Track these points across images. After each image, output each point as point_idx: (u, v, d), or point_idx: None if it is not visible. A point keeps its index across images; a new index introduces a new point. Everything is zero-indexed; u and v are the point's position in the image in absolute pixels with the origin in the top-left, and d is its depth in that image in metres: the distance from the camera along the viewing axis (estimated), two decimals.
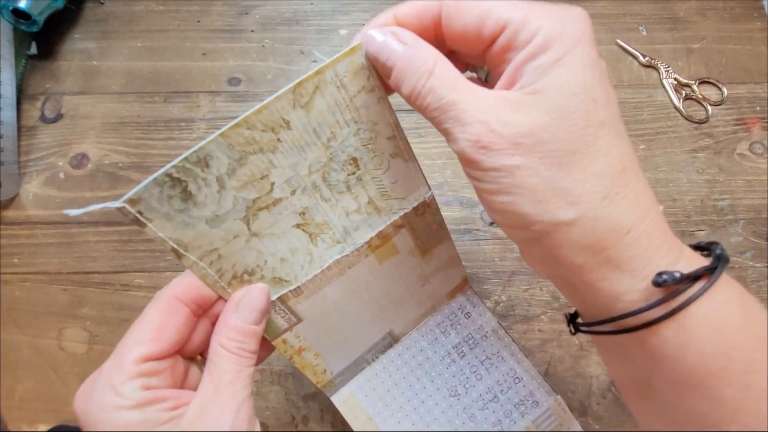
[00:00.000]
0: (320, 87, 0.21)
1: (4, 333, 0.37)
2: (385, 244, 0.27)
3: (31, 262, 0.39)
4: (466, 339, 0.33)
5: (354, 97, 0.22)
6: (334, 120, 0.23)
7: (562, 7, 0.19)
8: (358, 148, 0.24)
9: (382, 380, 0.32)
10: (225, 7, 0.49)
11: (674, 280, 0.18)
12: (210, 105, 0.44)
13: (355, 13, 0.49)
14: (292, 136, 0.22)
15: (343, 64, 0.21)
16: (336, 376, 0.31)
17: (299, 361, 0.29)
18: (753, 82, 0.45)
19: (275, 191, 0.23)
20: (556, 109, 0.18)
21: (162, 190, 0.21)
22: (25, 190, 0.42)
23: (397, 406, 0.32)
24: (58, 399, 0.36)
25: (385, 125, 0.24)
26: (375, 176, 0.25)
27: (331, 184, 0.24)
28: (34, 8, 0.42)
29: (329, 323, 0.29)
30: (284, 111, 0.21)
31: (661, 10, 0.49)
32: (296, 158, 0.23)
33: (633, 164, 0.20)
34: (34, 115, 0.44)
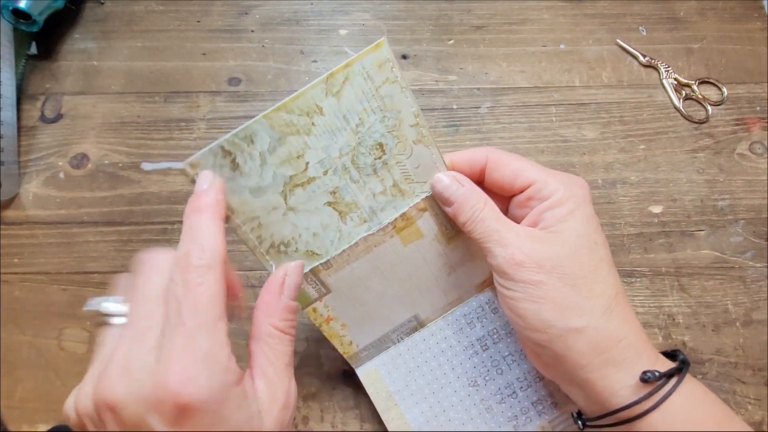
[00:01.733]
0: (349, 78, 0.25)
1: (4, 333, 0.37)
2: (410, 227, 0.30)
3: (31, 262, 0.39)
4: (491, 333, 0.33)
5: (379, 87, 0.25)
6: (362, 108, 0.26)
7: (569, 176, 0.27)
8: (383, 134, 0.27)
9: (405, 361, 0.34)
10: (225, 7, 0.49)
11: (656, 377, 0.23)
12: (210, 105, 0.44)
13: (355, 13, 0.49)
14: (325, 121, 0.25)
15: (369, 57, 0.25)
16: (362, 349, 0.33)
17: (327, 329, 0.32)
18: (753, 82, 0.45)
19: (309, 170, 0.26)
20: (570, 246, 0.25)
21: (215, 159, 0.25)
22: (25, 190, 0.42)
23: (417, 388, 0.33)
24: (58, 399, 0.36)
25: (408, 113, 0.27)
26: (399, 161, 0.28)
27: (359, 166, 0.27)
28: (34, 8, 0.42)
29: (356, 297, 0.31)
30: (318, 98, 0.25)
31: (661, 10, 0.49)
32: (328, 141, 0.26)
33: (622, 291, 0.26)
34: (34, 115, 0.44)
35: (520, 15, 0.49)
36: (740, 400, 0.35)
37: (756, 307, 0.38)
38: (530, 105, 0.45)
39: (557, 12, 0.49)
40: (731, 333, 0.37)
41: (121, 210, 0.41)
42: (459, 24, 0.48)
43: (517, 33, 0.48)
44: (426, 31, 0.48)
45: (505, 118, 0.44)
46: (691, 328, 0.37)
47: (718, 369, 0.36)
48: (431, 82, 0.46)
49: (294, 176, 0.26)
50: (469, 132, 0.44)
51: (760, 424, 0.35)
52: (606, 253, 0.26)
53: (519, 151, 0.43)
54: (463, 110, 0.44)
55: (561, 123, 0.44)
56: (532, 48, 0.47)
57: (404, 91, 0.26)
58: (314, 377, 0.36)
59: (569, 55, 0.47)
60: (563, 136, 0.43)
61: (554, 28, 0.48)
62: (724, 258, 0.39)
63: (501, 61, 0.46)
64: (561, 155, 0.43)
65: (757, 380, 0.36)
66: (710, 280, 0.39)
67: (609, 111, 0.44)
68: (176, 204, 0.41)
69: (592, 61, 0.46)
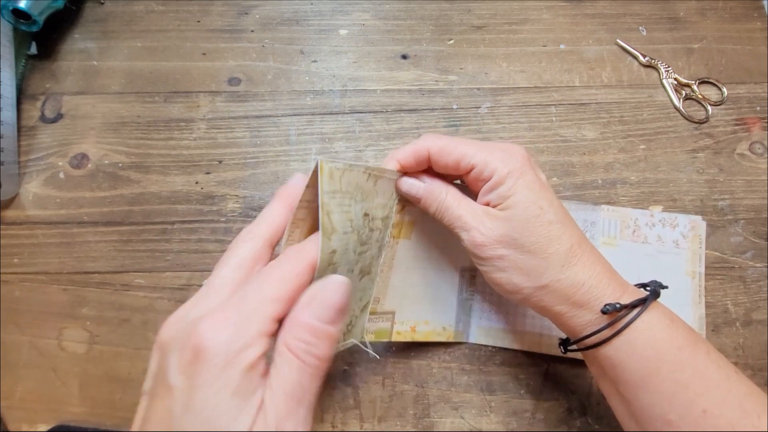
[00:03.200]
0: (331, 203, 0.25)
1: (4, 333, 0.37)
2: (402, 227, 0.33)
3: (31, 262, 0.39)
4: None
5: (341, 189, 0.26)
6: (348, 207, 0.26)
7: (505, 147, 0.30)
8: (364, 211, 0.28)
9: (488, 301, 0.37)
10: (225, 7, 0.49)
11: (615, 309, 0.27)
12: (210, 105, 0.44)
13: (355, 13, 0.49)
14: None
15: (325, 184, 0.24)
16: (455, 325, 0.36)
17: (420, 336, 0.35)
18: (753, 82, 0.45)
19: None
20: (518, 218, 0.28)
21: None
22: (25, 190, 0.42)
23: (513, 309, 0.37)
24: (58, 399, 0.36)
25: (363, 181, 0.28)
26: (375, 214, 0.30)
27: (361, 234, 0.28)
28: (34, 8, 0.42)
29: (413, 298, 0.34)
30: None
31: (661, 10, 0.49)
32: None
33: (578, 241, 0.29)
34: (34, 115, 0.44)
35: (520, 15, 0.49)
36: None
37: (756, 307, 0.38)
38: (530, 105, 0.45)
39: (557, 12, 0.49)
40: (731, 333, 0.37)
41: (121, 210, 0.41)
42: (459, 24, 0.48)
43: (517, 33, 0.48)
44: (426, 31, 0.48)
45: (505, 118, 0.44)
46: None
47: None
48: (431, 82, 0.46)
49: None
50: (469, 132, 0.44)
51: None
52: (554, 213, 0.28)
53: None
54: (463, 110, 0.44)
55: (561, 123, 0.44)
56: (532, 48, 0.47)
57: (352, 168, 0.26)
58: None
59: (569, 55, 0.47)
60: (563, 136, 0.43)
61: (554, 28, 0.48)
62: (724, 258, 0.39)
63: (501, 61, 0.46)
64: (561, 155, 0.43)
65: (757, 380, 0.36)
66: (710, 280, 0.39)
67: (609, 111, 0.44)
68: (176, 204, 0.41)
69: (592, 61, 0.46)
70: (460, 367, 0.37)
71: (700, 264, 0.38)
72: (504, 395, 0.36)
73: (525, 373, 0.37)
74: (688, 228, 0.39)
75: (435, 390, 0.36)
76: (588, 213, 0.39)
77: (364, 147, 0.43)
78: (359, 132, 0.44)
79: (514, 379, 0.36)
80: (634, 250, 0.38)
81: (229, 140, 0.43)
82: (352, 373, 0.36)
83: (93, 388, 0.36)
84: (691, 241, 0.39)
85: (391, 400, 0.36)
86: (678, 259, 0.38)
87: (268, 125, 0.44)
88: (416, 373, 0.37)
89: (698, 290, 0.38)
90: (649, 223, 0.39)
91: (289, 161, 0.42)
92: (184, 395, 0.19)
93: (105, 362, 0.37)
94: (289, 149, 0.43)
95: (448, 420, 0.35)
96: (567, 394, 0.36)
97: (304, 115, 0.44)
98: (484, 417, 0.35)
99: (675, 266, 0.38)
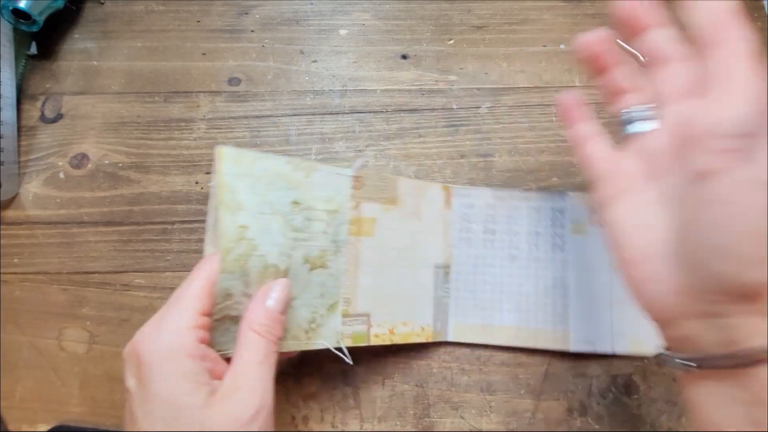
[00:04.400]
0: (239, 185, 0.28)
1: (4, 333, 0.37)
2: (361, 224, 0.33)
3: (31, 262, 0.39)
4: (487, 227, 0.38)
5: (260, 176, 0.29)
6: (269, 196, 0.29)
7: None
8: (289, 200, 0.30)
9: (464, 298, 0.37)
10: (225, 7, 0.49)
11: None
12: (210, 105, 0.45)
13: (355, 13, 0.49)
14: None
15: (228, 166, 0.28)
16: (434, 324, 0.36)
17: (399, 338, 0.34)
18: None
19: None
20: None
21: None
22: (25, 190, 0.42)
23: (489, 304, 0.37)
24: (58, 399, 0.36)
25: (283, 165, 0.30)
26: (312, 205, 0.31)
27: (298, 228, 0.30)
28: (34, 8, 0.42)
29: (387, 298, 0.34)
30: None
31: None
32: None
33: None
34: (34, 115, 0.44)
35: (520, 15, 0.49)
36: None
37: None
38: (530, 105, 0.45)
39: (557, 12, 0.49)
40: None
41: (121, 210, 0.41)
42: (459, 24, 0.48)
43: (517, 33, 0.48)
44: (426, 31, 0.48)
45: (505, 118, 0.44)
46: None
47: None
48: (431, 82, 0.46)
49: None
50: (469, 132, 0.44)
51: None
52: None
53: (519, 151, 0.43)
54: (463, 110, 0.44)
55: (561, 123, 0.44)
56: (532, 48, 0.47)
57: (269, 157, 0.29)
58: (314, 377, 0.36)
59: (569, 55, 0.47)
60: (563, 136, 0.43)
61: (554, 28, 0.48)
62: None
63: (501, 61, 0.46)
64: (561, 155, 0.43)
65: None
66: None
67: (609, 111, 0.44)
68: (176, 204, 0.41)
69: None
70: (460, 367, 0.37)
71: None
72: (504, 395, 0.36)
73: (525, 373, 0.37)
74: None
75: (435, 390, 0.36)
76: (555, 202, 0.39)
77: (364, 147, 0.43)
78: (359, 132, 0.44)
79: (514, 379, 0.36)
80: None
81: (229, 140, 0.43)
82: (352, 373, 0.36)
83: (93, 388, 0.36)
84: None
85: (391, 400, 0.36)
86: None
87: (268, 125, 0.44)
88: (416, 373, 0.37)
89: None
90: None
91: None
92: (139, 392, 0.24)
93: (105, 362, 0.37)
94: (289, 149, 0.43)
95: (448, 420, 0.35)
96: (567, 394, 0.36)
97: (304, 115, 0.44)
98: (484, 417, 0.35)
99: None
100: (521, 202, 0.39)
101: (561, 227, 0.38)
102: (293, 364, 0.36)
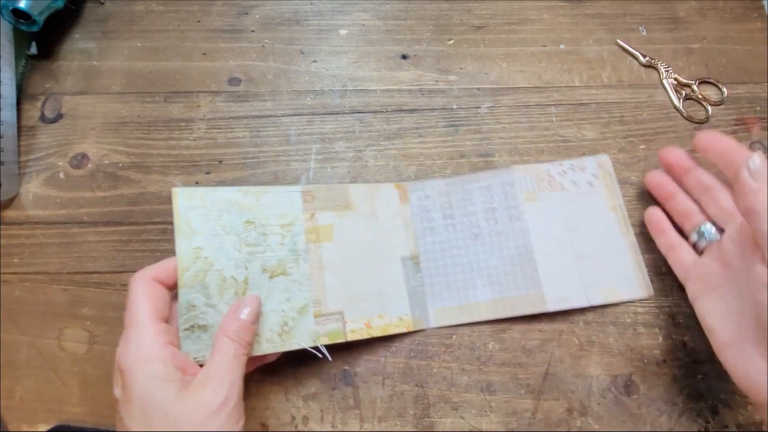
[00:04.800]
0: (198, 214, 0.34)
1: (4, 333, 0.37)
2: (318, 232, 0.36)
3: (31, 262, 0.39)
4: (445, 213, 0.40)
5: (210, 208, 0.34)
6: (221, 220, 0.34)
7: None
8: (243, 221, 0.35)
9: (438, 283, 0.38)
10: (225, 7, 0.49)
11: None
12: (210, 105, 0.45)
13: (355, 13, 0.49)
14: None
15: (183, 203, 0.33)
16: (412, 314, 0.37)
17: (377, 331, 0.36)
18: (753, 82, 0.45)
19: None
20: None
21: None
22: (25, 190, 0.42)
23: (462, 284, 0.38)
24: (58, 399, 0.36)
25: (237, 198, 0.35)
26: (267, 222, 0.35)
27: (254, 244, 0.34)
28: (34, 8, 0.42)
29: (358, 296, 0.36)
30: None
31: (661, 10, 0.49)
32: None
33: None
34: (34, 115, 0.44)
35: (520, 15, 0.49)
36: (740, 401, 0.35)
37: None
38: (530, 105, 0.45)
39: (557, 12, 0.49)
40: None
41: (121, 210, 0.41)
42: (459, 24, 0.48)
43: (517, 33, 0.48)
44: (426, 31, 0.48)
45: (505, 118, 0.44)
46: (691, 328, 0.37)
47: (718, 369, 0.36)
48: (431, 82, 0.46)
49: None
50: (469, 132, 0.44)
51: (759, 424, 0.35)
52: None
53: (519, 151, 0.43)
54: (463, 110, 0.44)
55: (561, 123, 0.44)
56: (532, 48, 0.47)
57: (216, 190, 0.34)
58: (314, 377, 0.36)
59: (569, 55, 0.47)
60: (563, 136, 0.43)
61: (554, 28, 0.48)
62: None
63: (501, 61, 0.46)
64: (561, 155, 0.43)
65: None
66: None
67: (609, 111, 0.44)
68: None
69: (592, 61, 0.46)
70: (460, 367, 0.37)
71: (618, 197, 0.40)
72: (504, 395, 0.36)
73: (525, 373, 0.37)
74: (596, 168, 0.41)
75: (435, 390, 0.36)
76: (504, 176, 0.41)
77: (364, 147, 0.43)
78: (359, 132, 0.44)
79: (514, 379, 0.36)
80: (554, 199, 0.40)
81: (229, 140, 0.43)
82: (352, 373, 0.36)
83: (93, 388, 0.36)
84: (603, 179, 0.41)
85: (391, 400, 0.36)
86: (596, 198, 0.40)
87: (268, 125, 0.44)
88: (416, 373, 0.37)
89: (623, 221, 0.40)
90: (560, 171, 0.41)
91: (289, 161, 0.42)
92: (123, 397, 0.27)
93: (105, 362, 0.37)
94: (289, 149, 0.43)
95: (448, 420, 0.35)
96: (567, 394, 0.36)
97: (304, 115, 0.44)
98: (484, 417, 0.35)
99: (596, 204, 0.40)
100: (472, 184, 0.41)
101: (514, 198, 0.40)
102: (293, 365, 0.36)
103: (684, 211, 0.37)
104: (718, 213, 0.34)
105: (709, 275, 0.33)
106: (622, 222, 0.40)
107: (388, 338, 0.37)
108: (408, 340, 0.37)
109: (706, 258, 0.34)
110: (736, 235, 0.32)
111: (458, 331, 0.38)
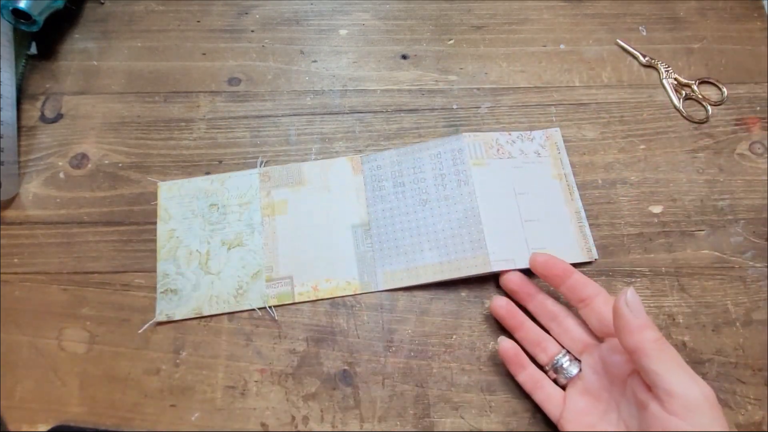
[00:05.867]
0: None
1: (4, 333, 0.37)
2: (273, 206, 0.40)
3: (31, 262, 0.39)
4: (396, 181, 0.41)
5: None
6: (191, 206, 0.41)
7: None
8: (209, 203, 0.41)
9: (387, 248, 0.39)
10: (225, 7, 0.49)
11: None
12: (210, 105, 0.45)
13: (355, 13, 0.49)
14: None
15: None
16: (360, 277, 0.39)
17: (325, 293, 0.38)
18: (753, 82, 0.46)
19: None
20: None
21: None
22: (25, 190, 0.42)
23: (410, 248, 0.39)
24: (58, 399, 0.36)
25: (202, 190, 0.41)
26: (227, 203, 0.41)
27: (214, 222, 0.40)
28: (34, 8, 0.42)
29: (307, 261, 0.39)
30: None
31: (661, 10, 0.49)
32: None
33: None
34: (34, 115, 0.44)
35: (520, 15, 0.49)
36: (740, 400, 0.35)
37: (756, 307, 0.38)
38: (530, 105, 0.45)
39: (557, 12, 0.49)
40: (731, 333, 0.37)
41: (121, 210, 0.41)
42: (459, 24, 0.48)
43: (517, 33, 0.48)
44: (426, 31, 0.48)
45: (505, 118, 0.44)
46: (691, 328, 0.37)
47: (718, 369, 0.36)
48: (431, 82, 0.46)
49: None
50: (469, 132, 0.44)
51: (759, 424, 0.35)
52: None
53: None
54: (463, 110, 0.44)
55: (561, 123, 0.44)
56: (532, 48, 0.47)
57: (190, 181, 0.41)
58: (314, 377, 0.36)
59: (569, 55, 0.47)
60: (563, 136, 0.43)
61: (554, 28, 0.48)
62: (724, 258, 0.39)
63: (501, 61, 0.46)
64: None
65: (757, 380, 0.36)
66: (710, 280, 0.39)
67: (609, 111, 0.44)
68: None
69: (592, 61, 0.46)
70: (460, 367, 0.37)
71: (564, 166, 0.42)
72: (504, 395, 0.36)
73: None
74: (543, 139, 0.43)
75: (435, 390, 0.36)
76: (453, 143, 0.41)
77: (364, 147, 0.43)
78: (359, 132, 0.44)
79: (514, 379, 0.36)
80: (502, 165, 0.41)
81: (229, 140, 0.43)
82: (352, 373, 0.36)
83: (93, 388, 0.36)
84: (550, 149, 0.42)
85: (391, 400, 0.36)
86: (542, 167, 0.42)
87: (268, 125, 0.44)
88: (416, 373, 0.37)
89: (568, 189, 0.41)
90: (509, 140, 0.42)
91: (288, 161, 0.42)
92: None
93: (105, 362, 0.37)
94: (289, 149, 0.43)
95: (448, 420, 0.35)
96: None
97: (304, 115, 0.44)
98: (484, 417, 0.35)
99: (542, 173, 0.41)
100: (422, 153, 0.41)
101: (462, 164, 0.40)
102: (293, 365, 0.36)
103: (536, 339, 0.35)
104: (571, 343, 0.34)
105: (582, 413, 0.32)
106: (567, 190, 0.41)
107: (388, 338, 0.37)
108: (408, 340, 0.37)
109: (572, 394, 0.33)
110: (599, 366, 0.32)
111: (458, 331, 0.38)
